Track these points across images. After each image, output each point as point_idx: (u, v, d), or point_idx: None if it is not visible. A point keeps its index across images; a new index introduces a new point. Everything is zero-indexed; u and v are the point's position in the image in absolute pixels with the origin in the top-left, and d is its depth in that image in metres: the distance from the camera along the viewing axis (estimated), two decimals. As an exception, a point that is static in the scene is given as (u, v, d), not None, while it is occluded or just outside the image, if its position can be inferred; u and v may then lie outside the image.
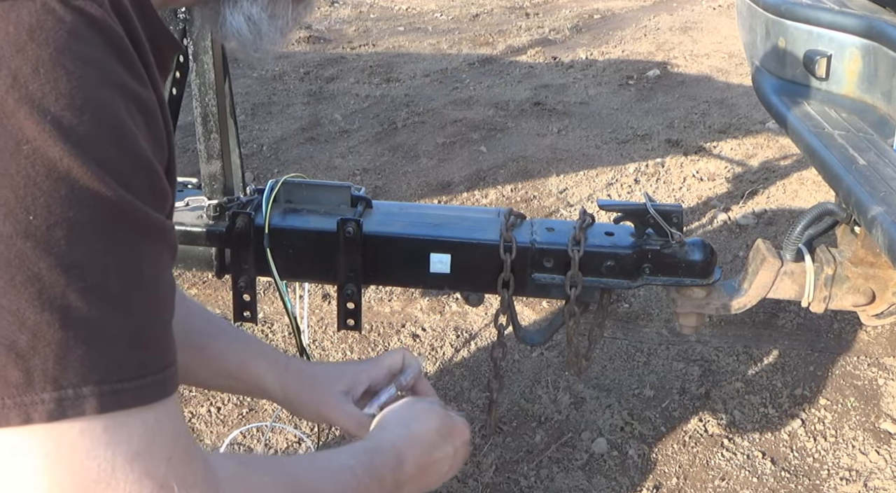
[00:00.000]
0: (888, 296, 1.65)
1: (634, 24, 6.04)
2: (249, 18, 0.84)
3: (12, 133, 0.55)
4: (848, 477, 2.02)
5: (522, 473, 2.02)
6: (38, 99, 0.56)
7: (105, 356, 0.58)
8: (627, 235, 1.43)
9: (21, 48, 0.56)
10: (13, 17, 0.56)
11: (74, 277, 0.56)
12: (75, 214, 0.57)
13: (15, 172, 0.55)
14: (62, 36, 0.57)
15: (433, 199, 3.42)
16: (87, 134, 0.57)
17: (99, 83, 0.59)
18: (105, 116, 0.59)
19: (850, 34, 1.70)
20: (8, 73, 0.55)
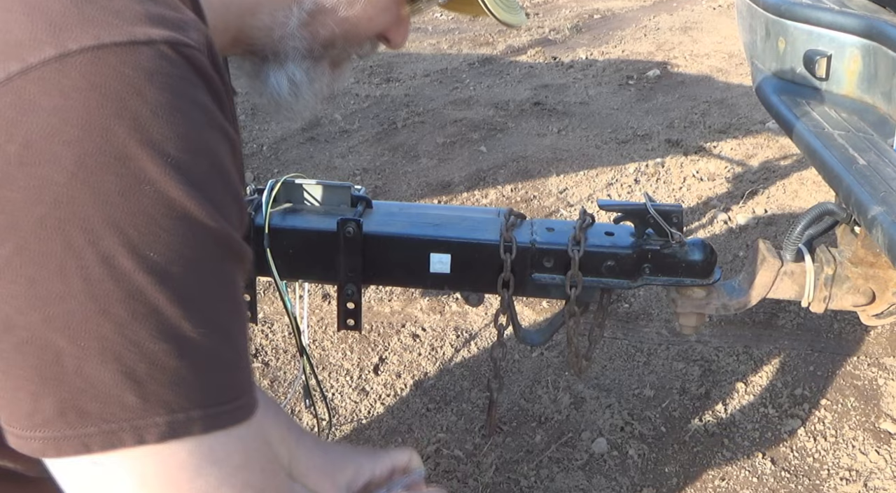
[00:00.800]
0: (888, 296, 1.65)
1: (634, 24, 6.04)
2: (291, 80, 0.89)
3: (135, 174, 0.58)
4: (848, 477, 2.02)
5: (522, 473, 2.02)
6: (158, 142, 0.59)
7: (212, 381, 0.63)
8: (627, 235, 1.43)
9: (140, 92, 0.58)
10: (131, 60, 0.59)
11: (189, 309, 0.61)
12: (191, 250, 0.61)
13: (137, 212, 0.58)
14: (176, 81, 0.61)
15: (433, 199, 3.42)
16: (201, 175, 0.61)
17: (207, 126, 0.63)
18: (214, 158, 0.63)
19: (850, 34, 1.70)
20: (129, 116, 0.58)
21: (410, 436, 2.14)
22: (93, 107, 0.57)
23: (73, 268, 0.57)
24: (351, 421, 2.19)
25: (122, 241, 0.58)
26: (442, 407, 2.23)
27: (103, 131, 0.57)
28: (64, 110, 0.57)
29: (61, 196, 0.57)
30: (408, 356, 2.44)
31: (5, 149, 0.56)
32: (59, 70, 0.57)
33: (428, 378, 2.35)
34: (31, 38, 0.58)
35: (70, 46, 0.57)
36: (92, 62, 0.58)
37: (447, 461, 2.06)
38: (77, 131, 0.57)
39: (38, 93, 0.57)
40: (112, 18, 0.60)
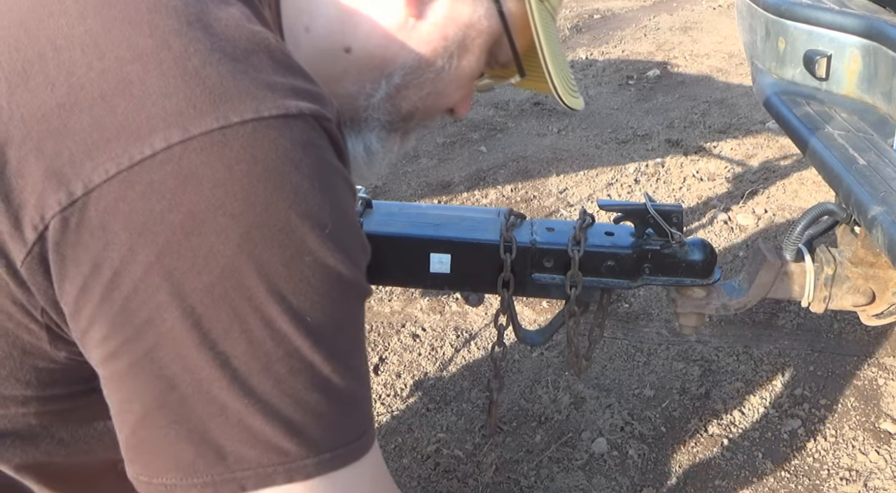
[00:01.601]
0: (888, 296, 1.64)
1: (634, 24, 6.04)
2: (368, 149, 0.91)
3: (297, 246, 0.61)
4: (848, 477, 2.02)
5: (522, 473, 2.02)
6: (315, 213, 0.62)
7: (352, 420, 0.68)
8: (627, 235, 1.43)
9: (297, 164, 0.61)
10: (287, 133, 0.61)
11: (338, 363, 0.66)
12: (341, 310, 0.66)
13: (298, 280, 0.62)
14: (324, 153, 0.64)
15: (433, 199, 3.42)
16: (348, 239, 0.66)
17: (347, 193, 0.67)
18: (353, 220, 0.68)
19: (850, 34, 1.70)
20: (290, 188, 0.61)
21: (410, 436, 2.14)
22: (256, 180, 0.59)
23: (238, 332, 0.61)
24: (351, 421, 2.19)
25: (284, 308, 0.62)
26: (442, 407, 2.23)
27: (267, 205, 0.60)
28: (228, 183, 0.59)
29: (227, 267, 0.59)
30: (408, 356, 2.44)
31: (169, 218, 0.58)
32: (222, 142, 0.59)
33: (428, 378, 2.35)
34: (192, 108, 0.59)
35: (232, 119, 0.59)
36: (252, 134, 0.59)
37: (447, 461, 2.06)
38: (241, 205, 0.59)
39: (200, 163, 0.58)
40: (266, 91, 0.61)
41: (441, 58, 0.87)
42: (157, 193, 0.58)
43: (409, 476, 2.01)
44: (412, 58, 0.86)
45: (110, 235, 0.59)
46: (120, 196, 0.58)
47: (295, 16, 0.84)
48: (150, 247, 0.58)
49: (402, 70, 0.87)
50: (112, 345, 0.62)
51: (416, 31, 0.85)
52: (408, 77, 0.88)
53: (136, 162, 0.58)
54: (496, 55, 0.93)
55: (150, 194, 0.58)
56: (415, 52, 0.86)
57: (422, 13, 0.85)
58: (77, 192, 0.58)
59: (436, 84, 0.90)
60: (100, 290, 0.60)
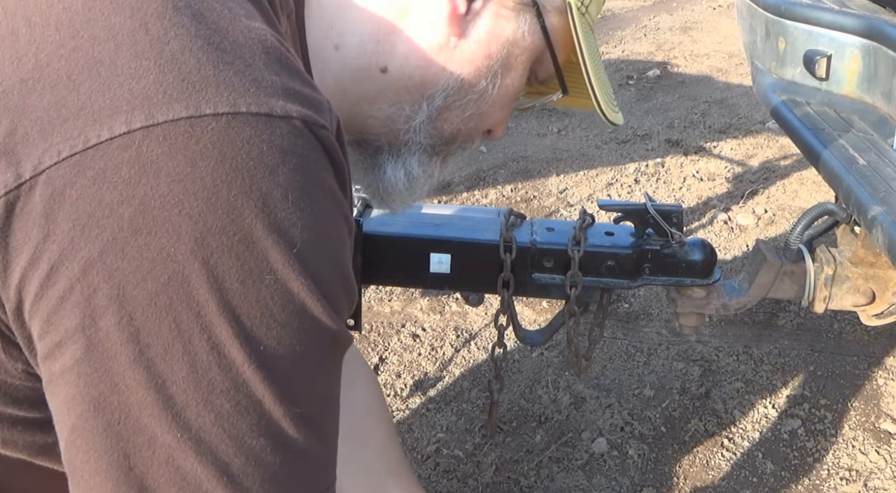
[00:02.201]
0: (888, 296, 1.64)
1: (634, 24, 6.04)
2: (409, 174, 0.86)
3: (258, 261, 0.54)
4: (848, 477, 2.02)
5: (522, 473, 2.02)
6: (285, 229, 0.55)
7: (302, 479, 0.60)
8: (627, 235, 1.43)
9: (273, 171, 0.54)
10: (266, 135, 0.54)
11: (291, 406, 0.57)
12: (301, 347, 0.57)
13: (254, 301, 0.54)
14: (309, 164, 0.57)
15: (433, 199, 3.42)
16: (322, 269, 0.58)
17: (333, 215, 0.59)
18: (335, 251, 0.60)
19: (850, 34, 1.70)
20: (259, 195, 0.54)
21: (410, 436, 2.14)
22: (221, 180, 0.53)
23: (180, 353, 0.54)
24: (351, 421, 2.19)
25: (236, 330, 0.54)
26: (442, 407, 2.23)
27: (230, 209, 0.53)
28: (189, 179, 0.52)
29: (176, 274, 0.53)
30: (408, 356, 2.44)
31: (118, 211, 0.52)
32: (188, 133, 0.52)
33: (428, 378, 2.35)
34: (161, 93, 0.53)
35: (203, 109, 0.53)
36: (225, 130, 0.53)
37: (447, 461, 2.06)
38: (201, 204, 0.52)
39: (161, 154, 0.52)
40: (250, 86, 0.55)
41: (485, 78, 0.83)
42: (109, 182, 0.52)
43: (409, 476, 2.01)
44: (454, 79, 0.82)
45: (52, 224, 0.52)
46: (69, 181, 0.52)
47: (323, 33, 0.79)
48: (94, 242, 0.52)
49: (444, 92, 0.83)
50: (46, 345, 0.55)
51: (459, 50, 0.81)
52: (450, 99, 0.83)
53: (92, 145, 0.52)
54: (536, 72, 0.89)
55: (101, 182, 0.52)
56: (457, 72, 0.82)
57: (464, 32, 0.80)
58: (25, 174, 0.53)
59: (479, 105, 0.85)
60: (36, 284, 0.54)
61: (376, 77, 0.81)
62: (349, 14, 0.80)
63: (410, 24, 0.80)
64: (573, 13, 0.83)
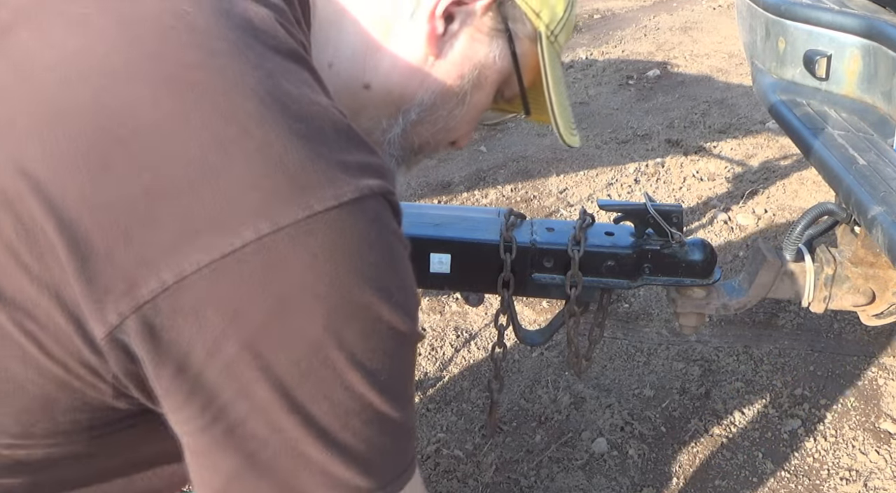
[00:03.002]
0: (888, 296, 1.64)
1: (634, 24, 6.04)
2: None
3: (373, 319, 0.66)
4: (848, 477, 2.02)
5: (522, 473, 2.02)
6: (386, 286, 0.67)
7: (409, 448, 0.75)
8: (627, 235, 1.43)
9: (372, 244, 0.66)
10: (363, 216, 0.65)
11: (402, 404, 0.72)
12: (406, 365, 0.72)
13: (374, 348, 0.67)
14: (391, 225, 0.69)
15: (433, 199, 3.42)
16: (411, 301, 0.71)
17: (406, 258, 0.72)
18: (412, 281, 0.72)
19: (850, 34, 1.70)
20: (365, 267, 0.65)
21: (410, 436, 2.14)
22: (338, 263, 0.63)
23: (322, 397, 0.66)
24: (351, 421, 2.19)
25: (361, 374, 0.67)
26: (442, 407, 2.23)
27: (348, 286, 0.64)
28: (313, 269, 0.63)
29: (314, 344, 0.64)
30: (408, 356, 2.44)
31: (259, 302, 0.62)
32: (308, 231, 0.62)
33: (428, 378, 2.35)
34: (279, 199, 0.62)
35: (315, 207, 0.62)
36: (335, 221, 0.63)
37: (447, 461, 2.06)
38: (326, 288, 0.63)
39: (288, 252, 0.62)
40: (343, 174, 0.65)
41: (457, 95, 0.90)
42: (247, 282, 0.61)
43: (409, 476, 2.01)
44: (429, 95, 0.89)
45: (203, 319, 0.62)
46: (211, 284, 0.61)
47: (321, 50, 0.84)
48: (243, 330, 0.62)
49: (419, 107, 0.89)
50: (206, 418, 0.66)
51: (435, 68, 0.88)
52: (423, 114, 0.90)
53: (227, 253, 0.61)
54: (503, 91, 0.96)
55: (240, 283, 0.61)
56: (432, 89, 0.88)
57: (441, 52, 0.87)
58: (169, 281, 0.61)
59: (448, 121, 0.93)
60: (194, 370, 0.63)
61: (360, 93, 0.87)
62: (344, 31, 0.86)
63: (393, 42, 0.86)
64: (542, 41, 0.91)
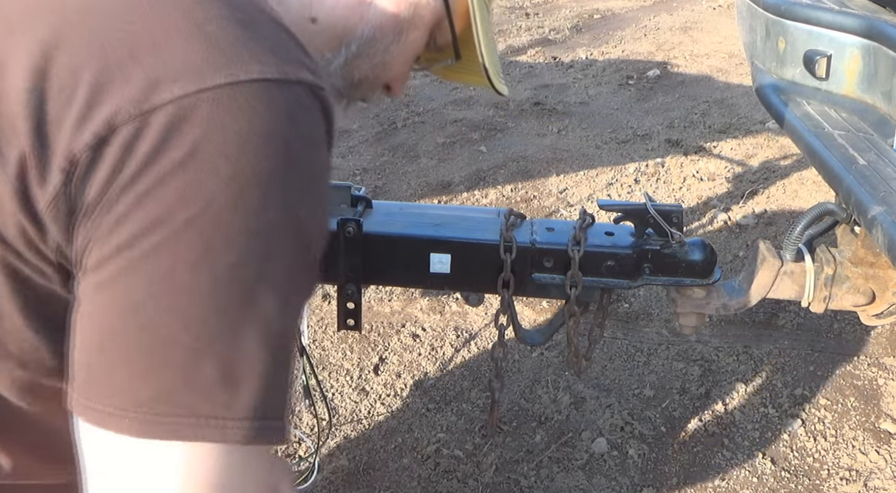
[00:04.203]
0: (888, 296, 1.65)
1: (634, 24, 6.04)
2: None
3: (276, 192, 0.67)
4: (848, 477, 2.02)
5: (522, 473, 2.02)
6: (298, 168, 0.69)
7: (286, 395, 0.71)
8: (627, 235, 1.43)
9: (291, 122, 0.69)
10: (285, 95, 0.69)
11: (287, 323, 0.70)
12: (301, 272, 0.70)
13: (271, 225, 0.67)
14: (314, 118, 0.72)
15: (433, 199, 3.42)
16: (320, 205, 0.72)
17: (327, 161, 0.75)
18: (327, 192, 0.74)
19: (850, 34, 1.70)
20: (281, 141, 0.68)
21: (410, 436, 2.14)
22: (253, 130, 0.67)
23: (207, 267, 0.65)
24: (351, 421, 2.19)
25: (252, 250, 0.66)
26: (442, 407, 2.23)
27: (258, 153, 0.67)
28: (228, 130, 0.66)
29: (212, 203, 0.65)
30: (408, 356, 2.44)
31: (172, 154, 0.65)
32: (230, 95, 0.66)
33: (428, 378, 2.35)
34: (209, 65, 0.67)
35: (240, 77, 0.67)
36: (256, 92, 0.67)
37: (447, 461, 2.06)
38: (237, 149, 0.66)
39: (208, 111, 0.66)
40: (271, 57, 0.70)
41: (393, 31, 0.96)
42: (166, 133, 0.65)
43: (409, 476, 2.01)
44: (369, 29, 0.95)
45: (127, 164, 0.65)
46: (136, 133, 0.65)
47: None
48: (152, 174, 0.65)
49: (359, 40, 0.95)
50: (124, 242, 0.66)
51: (374, 4, 0.95)
52: (363, 47, 0.96)
53: (157, 106, 0.65)
54: (436, 38, 1.03)
55: (160, 133, 0.65)
56: (372, 23, 0.95)
57: None
58: (101, 131, 0.65)
59: (384, 56, 0.98)
60: (119, 209, 0.65)
61: (307, 27, 0.93)
62: None
63: None
64: None
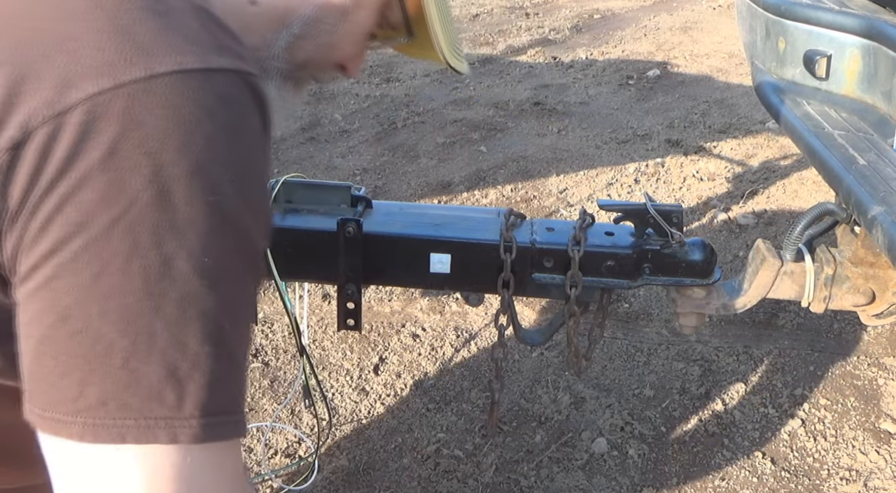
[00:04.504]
0: (888, 296, 1.65)
1: (634, 24, 6.04)
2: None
3: (203, 187, 0.64)
4: (848, 477, 2.02)
5: (522, 473, 2.02)
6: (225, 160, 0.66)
7: (237, 390, 0.69)
8: (627, 235, 1.43)
9: (213, 114, 0.66)
10: (207, 86, 0.66)
11: (231, 318, 0.67)
12: (238, 264, 0.68)
13: (200, 220, 0.64)
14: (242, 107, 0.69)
15: (433, 199, 3.42)
16: (254, 195, 0.69)
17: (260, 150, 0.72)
18: (262, 180, 0.72)
19: (850, 34, 1.70)
20: (204, 135, 0.65)
21: (410, 436, 2.14)
22: (173, 124, 0.64)
23: (137, 267, 0.63)
24: (351, 421, 2.19)
25: (183, 244, 0.64)
26: (442, 407, 2.23)
27: (180, 147, 0.64)
28: (147, 125, 0.63)
29: (136, 201, 0.62)
30: (408, 356, 2.44)
31: (91, 154, 0.62)
32: (147, 89, 0.63)
33: (428, 378, 2.35)
34: (123, 59, 0.64)
35: (157, 69, 0.64)
36: (175, 84, 0.64)
37: (447, 461, 2.06)
38: (157, 144, 0.63)
39: (124, 107, 0.63)
40: (192, 47, 0.67)
41: (338, 11, 0.94)
42: (82, 133, 0.62)
43: (409, 476, 2.01)
44: (311, 9, 0.92)
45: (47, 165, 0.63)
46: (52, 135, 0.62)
47: None
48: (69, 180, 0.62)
49: (301, 21, 0.93)
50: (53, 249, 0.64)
51: None
52: (305, 28, 0.93)
53: (71, 106, 0.62)
54: (387, 16, 1.00)
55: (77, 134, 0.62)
56: (314, 3, 0.92)
57: None
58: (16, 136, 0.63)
59: (330, 36, 0.95)
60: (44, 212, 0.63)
61: (246, 10, 0.91)
62: None
63: None
64: None
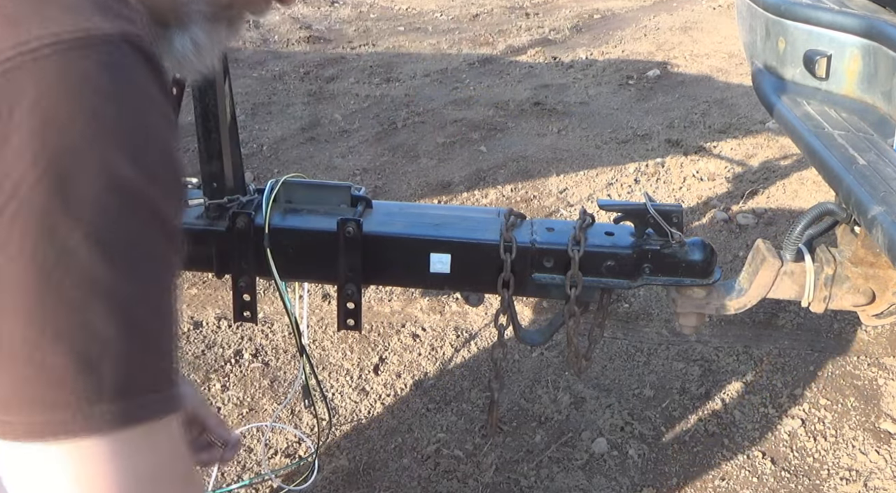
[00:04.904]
0: (888, 296, 1.65)
1: (634, 24, 6.04)
2: (195, 42, 0.89)
3: (93, 162, 0.60)
4: (848, 477, 2.02)
5: (522, 473, 2.02)
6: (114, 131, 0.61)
7: (156, 367, 0.64)
8: (627, 235, 1.43)
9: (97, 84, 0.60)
10: (87, 54, 0.61)
11: (140, 293, 0.62)
12: (142, 236, 0.63)
13: (94, 198, 0.60)
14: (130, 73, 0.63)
15: (433, 199, 3.42)
16: (153, 162, 0.64)
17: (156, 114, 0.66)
18: (163, 145, 0.66)
19: (850, 34, 1.70)
20: (88, 108, 0.60)
21: (410, 436, 2.14)
22: (52, 100, 0.59)
23: (30, 253, 0.58)
24: (351, 421, 2.19)
25: (77, 224, 0.59)
26: (442, 407, 2.23)
27: (62, 123, 0.59)
28: (22, 106, 0.58)
29: (22, 185, 0.58)
30: (408, 356, 2.44)
31: None
32: (19, 67, 0.58)
33: (428, 378, 2.35)
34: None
35: (31, 44, 0.59)
36: (49, 57, 0.59)
37: (447, 461, 2.06)
38: (38, 123, 0.58)
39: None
40: (67, 14, 0.61)
41: None
42: None
43: (409, 476, 2.01)
44: None
45: None
46: None
47: None
48: None
49: None
50: None
51: None
52: None
53: None
54: None
55: None
56: None
57: None
58: None
59: None
60: None
61: None
62: None
63: None
64: None
